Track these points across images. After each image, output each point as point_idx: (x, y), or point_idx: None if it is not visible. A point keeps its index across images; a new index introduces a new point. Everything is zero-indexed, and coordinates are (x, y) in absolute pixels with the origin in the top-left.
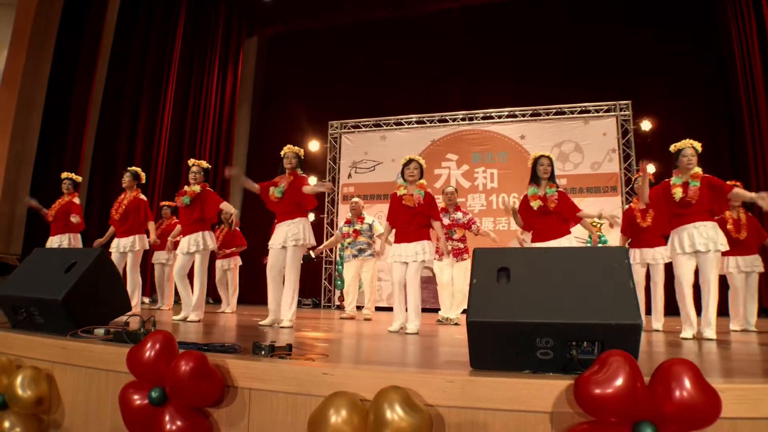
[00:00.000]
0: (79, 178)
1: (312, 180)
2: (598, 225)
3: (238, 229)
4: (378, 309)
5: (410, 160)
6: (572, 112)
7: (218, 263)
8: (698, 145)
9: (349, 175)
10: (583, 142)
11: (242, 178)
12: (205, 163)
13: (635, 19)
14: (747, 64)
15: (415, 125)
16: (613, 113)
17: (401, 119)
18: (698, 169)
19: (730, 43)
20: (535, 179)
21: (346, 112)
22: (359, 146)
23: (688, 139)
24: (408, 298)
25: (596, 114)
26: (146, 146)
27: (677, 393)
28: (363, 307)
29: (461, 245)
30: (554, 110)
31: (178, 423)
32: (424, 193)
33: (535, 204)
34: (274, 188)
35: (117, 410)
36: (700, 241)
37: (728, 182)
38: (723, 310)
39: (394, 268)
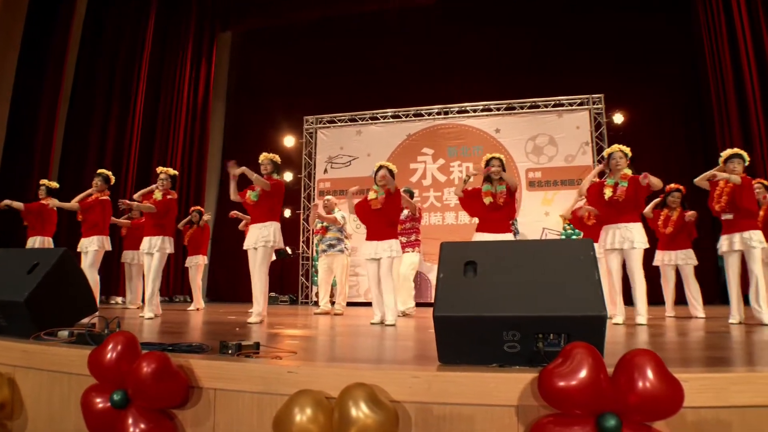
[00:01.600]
0: (55, 185)
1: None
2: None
3: (207, 225)
4: (354, 304)
5: (380, 167)
6: (546, 106)
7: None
8: (627, 150)
9: (325, 170)
10: (557, 135)
11: (237, 171)
12: (172, 171)
13: (608, 13)
14: (716, 59)
15: (391, 120)
16: (586, 107)
17: (377, 114)
18: (628, 171)
19: (700, 38)
20: (487, 178)
21: (321, 107)
22: (335, 141)
23: (616, 144)
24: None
25: (570, 107)
26: (117, 143)
27: (640, 384)
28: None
29: (404, 239)
30: (528, 104)
31: (142, 426)
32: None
33: (487, 200)
34: (250, 192)
35: (81, 414)
36: (622, 240)
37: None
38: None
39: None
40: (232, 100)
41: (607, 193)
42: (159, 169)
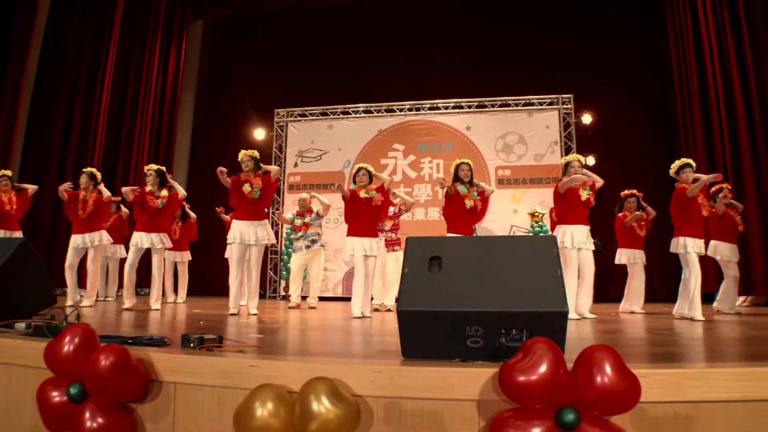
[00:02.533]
0: (9, 173)
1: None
2: (540, 215)
3: (192, 222)
4: (324, 299)
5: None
6: (517, 105)
7: (167, 255)
8: (583, 159)
9: (296, 164)
10: (527, 134)
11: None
12: (157, 166)
13: (579, 14)
14: (682, 61)
15: (363, 115)
16: (555, 106)
17: (348, 108)
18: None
19: (667, 41)
20: (458, 181)
21: (292, 100)
22: (306, 135)
23: (574, 154)
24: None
25: (540, 107)
26: (82, 131)
27: (599, 379)
28: (307, 296)
29: (393, 236)
30: (499, 102)
31: (99, 420)
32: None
33: (469, 203)
34: (249, 187)
35: (37, 408)
36: (580, 240)
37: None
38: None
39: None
40: (202, 91)
41: (584, 196)
42: (147, 167)
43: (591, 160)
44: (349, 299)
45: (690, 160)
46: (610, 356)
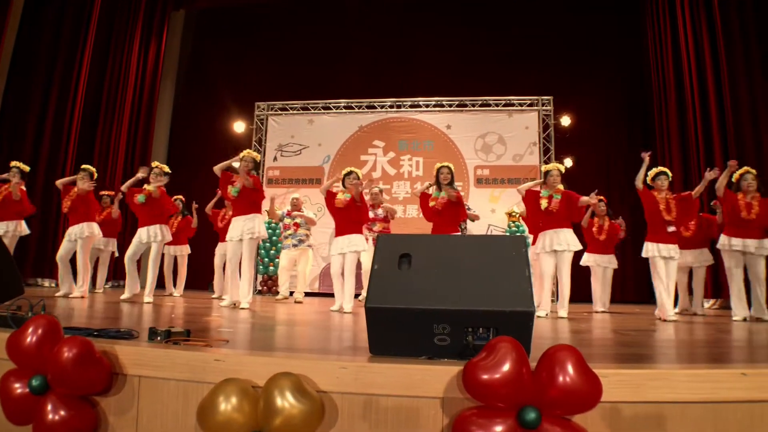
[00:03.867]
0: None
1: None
2: (516, 215)
3: (190, 217)
4: (307, 294)
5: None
6: (497, 105)
7: (167, 250)
8: (562, 167)
9: (275, 158)
10: (507, 135)
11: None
12: (167, 168)
13: (560, 17)
14: (660, 66)
15: (344, 110)
16: (535, 108)
17: (329, 104)
18: (561, 186)
19: (646, 46)
20: (438, 185)
21: (273, 93)
22: (286, 129)
23: (554, 163)
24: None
25: (520, 108)
26: (57, 121)
27: (560, 378)
28: (294, 291)
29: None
30: (480, 102)
31: (62, 413)
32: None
33: (432, 203)
34: (231, 187)
35: None
36: (558, 243)
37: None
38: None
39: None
40: (182, 82)
41: (543, 203)
42: (155, 163)
43: (568, 162)
44: (327, 295)
45: (666, 169)
46: (573, 356)
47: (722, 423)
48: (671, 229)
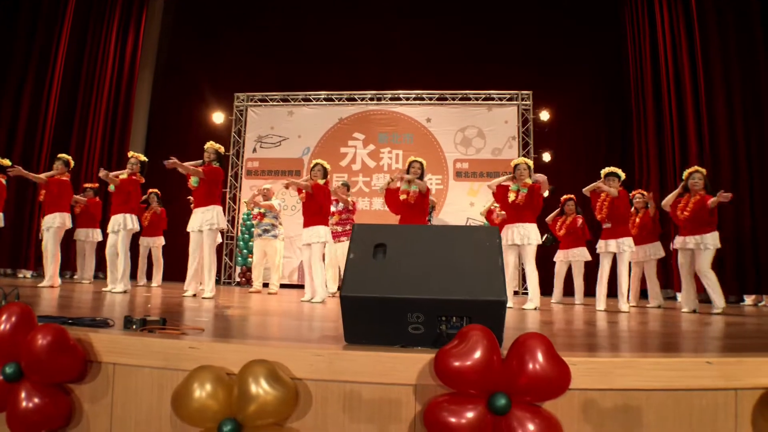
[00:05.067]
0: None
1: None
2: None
3: (162, 209)
4: (283, 286)
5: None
6: (477, 99)
7: (142, 241)
8: (530, 162)
9: (254, 150)
10: (486, 128)
11: (169, 166)
12: (143, 156)
13: (540, 13)
14: (638, 62)
15: (324, 102)
16: (514, 102)
17: (309, 95)
18: (529, 181)
19: (624, 41)
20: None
21: (253, 84)
22: (265, 120)
23: (522, 158)
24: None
25: (499, 102)
26: (33, 111)
27: (530, 365)
28: (268, 283)
29: (339, 229)
30: (460, 96)
31: (35, 400)
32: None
33: (402, 196)
34: (192, 178)
35: None
36: (518, 237)
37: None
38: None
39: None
40: (161, 71)
41: (511, 197)
42: (131, 153)
43: (547, 157)
44: (303, 287)
45: (618, 170)
46: (542, 344)
47: (687, 410)
48: (606, 225)
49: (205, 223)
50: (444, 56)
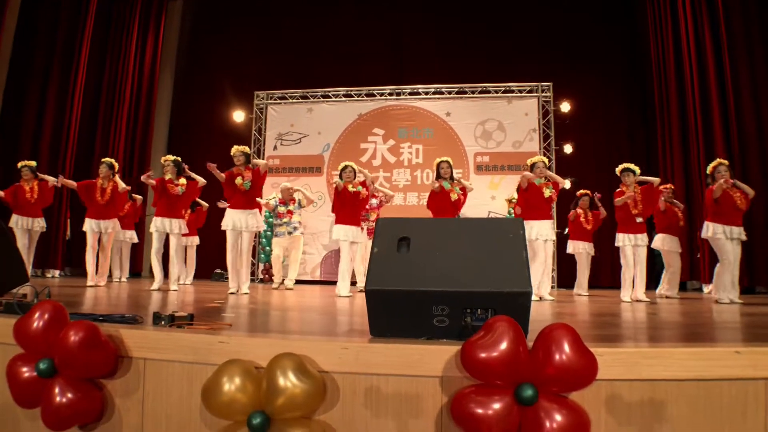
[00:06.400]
0: (32, 163)
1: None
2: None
3: (203, 210)
4: (301, 282)
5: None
6: (496, 92)
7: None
8: (546, 160)
9: (275, 147)
10: (506, 121)
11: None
12: (171, 156)
13: (561, 2)
14: (661, 51)
15: (343, 98)
16: (535, 94)
17: (329, 92)
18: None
19: (647, 31)
20: (440, 177)
21: (272, 82)
22: (285, 118)
23: (538, 156)
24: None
25: (519, 94)
26: (57, 113)
27: (557, 356)
28: (285, 279)
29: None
30: (479, 89)
31: (69, 395)
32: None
33: (453, 196)
34: (240, 179)
35: (6, 384)
36: (541, 233)
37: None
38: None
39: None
40: (181, 72)
41: (546, 193)
42: (163, 158)
43: (568, 149)
44: (327, 282)
45: (632, 165)
46: (569, 334)
47: (716, 400)
48: (639, 220)
49: (251, 225)
50: (462, 49)
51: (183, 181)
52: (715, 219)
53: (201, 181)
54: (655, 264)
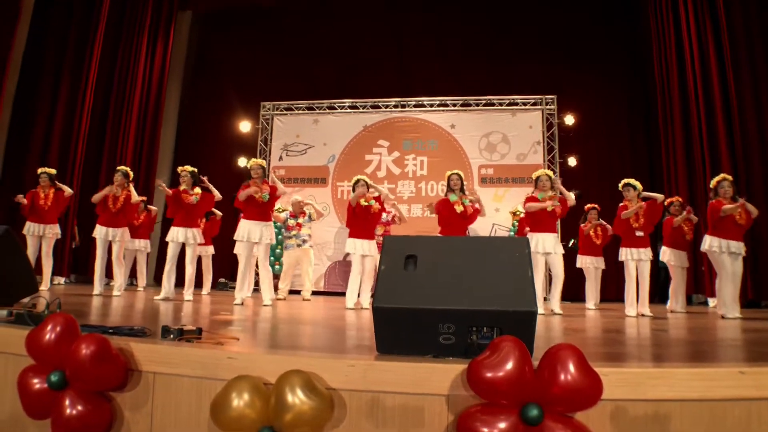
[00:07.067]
0: (52, 171)
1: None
2: (521, 214)
3: (217, 219)
4: (296, 293)
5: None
6: (501, 104)
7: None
8: (551, 173)
9: (280, 158)
10: (510, 134)
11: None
12: (190, 168)
13: (565, 16)
14: (664, 65)
15: (348, 110)
16: (539, 107)
17: (334, 103)
18: (552, 192)
19: (650, 45)
20: (450, 190)
21: (279, 93)
22: (291, 129)
23: (542, 169)
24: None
25: (523, 107)
26: (66, 119)
27: (562, 376)
28: (300, 290)
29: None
30: (484, 101)
31: (79, 407)
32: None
33: (459, 208)
34: (260, 192)
35: (17, 395)
36: (549, 246)
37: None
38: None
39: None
40: (188, 82)
41: (549, 207)
42: (180, 168)
43: (572, 161)
44: (332, 293)
45: (633, 181)
46: (574, 355)
47: (720, 420)
48: (639, 234)
49: (266, 236)
50: (467, 62)
51: (198, 190)
52: (714, 233)
53: (217, 195)
54: (659, 277)
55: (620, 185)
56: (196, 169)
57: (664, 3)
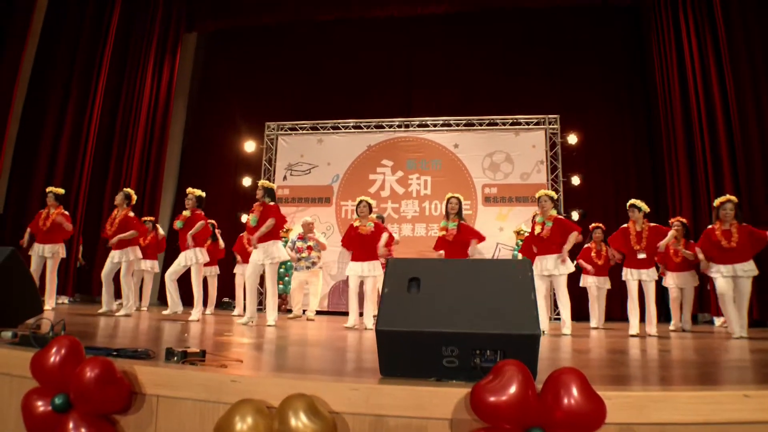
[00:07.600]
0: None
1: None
2: (525, 233)
3: (220, 240)
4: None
5: (361, 200)
6: (504, 124)
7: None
8: (552, 194)
9: (285, 177)
10: (514, 153)
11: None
12: (198, 191)
13: (566, 36)
14: (666, 84)
15: (352, 130)
16: (542, 126)
17: (338, 123)
18: (554, 212)
19: (652, 64)
20: (446, 215)
21: (283, 113)
22: (295, 148)
23: (543, 190)
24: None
25: (526, 126)
26: (73, 138)
27: (565, 400)
28: (306, 310)
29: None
30: (487, 121)
31: (82, 430)
32: (373, 225)
33: (442, 233)
34: (250, 216)
35: (21, 417)
36: (548, 268)
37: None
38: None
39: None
40: (194, 102)
41: (537, 229)
42: (189, 190)
43: (576, 180)
44: (334, 313)
45: (639, 202)
46: (577, 379)
47: None
48: (641, 256)
49: (267, 257)
50: (470, 82)
51: (187, 213)
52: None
53: (220, 245)
54: (664, 298)
55: (627, 205)
56: (204, 194)
57: (665, 26)
